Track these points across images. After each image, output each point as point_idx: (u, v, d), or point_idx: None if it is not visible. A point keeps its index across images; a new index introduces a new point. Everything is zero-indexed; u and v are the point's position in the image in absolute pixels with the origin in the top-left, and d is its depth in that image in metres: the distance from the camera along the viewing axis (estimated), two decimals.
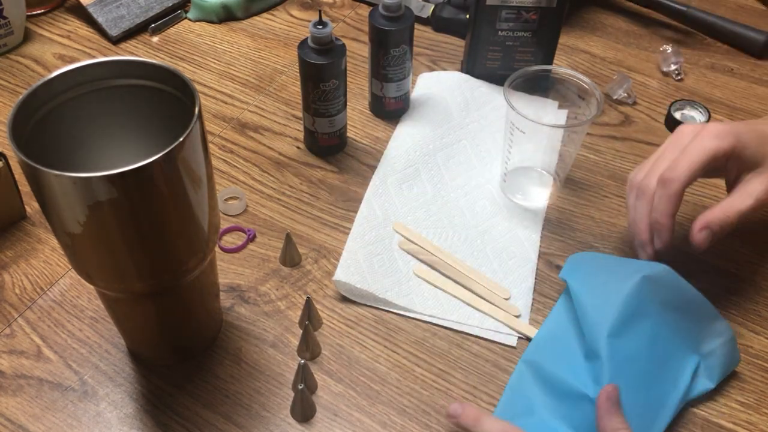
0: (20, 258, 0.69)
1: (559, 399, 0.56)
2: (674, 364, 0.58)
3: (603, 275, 0.60)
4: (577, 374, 0.56)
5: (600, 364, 0.55)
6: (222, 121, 0.85)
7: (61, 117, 0.49)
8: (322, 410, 0.58)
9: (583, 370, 0.56)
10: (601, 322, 0.56)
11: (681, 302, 0.59)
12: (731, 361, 0.60)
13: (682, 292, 0.59)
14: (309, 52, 0.72)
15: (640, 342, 0.56)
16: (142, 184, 0.44)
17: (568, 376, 0.56)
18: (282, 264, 0.69)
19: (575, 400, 0.55)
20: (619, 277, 0.59)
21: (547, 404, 0.56)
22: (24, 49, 0.95)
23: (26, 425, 0.57)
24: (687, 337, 0.58)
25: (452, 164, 0.78)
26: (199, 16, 1.00)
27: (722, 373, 0.60)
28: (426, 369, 0.61)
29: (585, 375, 0.56)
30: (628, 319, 0.56)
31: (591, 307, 0.58)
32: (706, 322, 0.60)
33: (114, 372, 0.61)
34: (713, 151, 0.59)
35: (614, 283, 0.58)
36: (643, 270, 0.58)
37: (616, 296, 0.57)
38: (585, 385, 0.55)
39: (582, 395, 0.55)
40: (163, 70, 0.49)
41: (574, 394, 0.55)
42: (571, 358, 0.57)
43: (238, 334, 0.63)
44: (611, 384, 0.53)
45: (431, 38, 0.98)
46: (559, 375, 0.57)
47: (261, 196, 0.76)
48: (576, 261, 0.65)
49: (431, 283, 0.67)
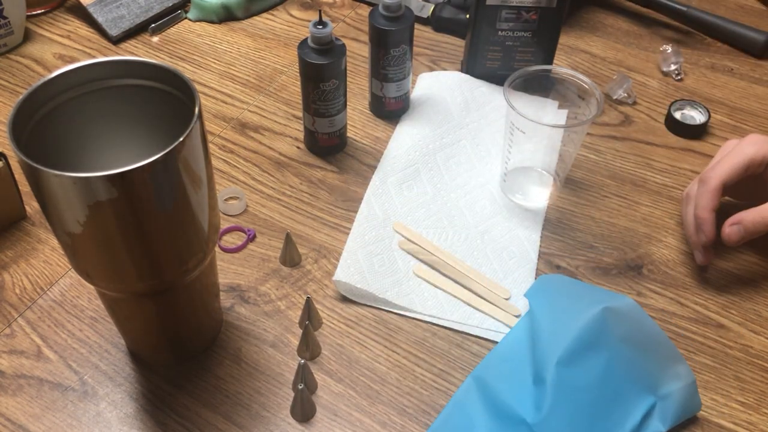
0: (20, 258, 0.69)
1: (499, 420, 0.55)
2: (625, 402, 0.56)
3: (566, 301, 0.59)
4: (521, 398, 0.55)
5: (544, 390, 0.54)
6: (222, 121, 0.85)
7: (61, 117, 0.49)
8: (322, 410, 0.58)
9: (527, 394, 0.55)
10: (553, 348, 0.55)
11: (642, 339, 0.57)
12: (691, 407, 0.58)
13: (645, 329, 0.57)
14: (309, 52, 0.72)
15: (591, 374, 0.55)
16: (142, 184, 0.44)
17: (512, 399, 0.55)
18: (282, 264, 0.69)
19: (514, 424, 0.54)
20: (581, 305, 0.57)
21: (487, 424, 0.55)
22: (24, 49, 0.95)
23: (26, 425, 0.57)
24: (643, 376, 0.56)
25: (452, 164, 0.78)
26: (199, 16, 1.00)
27: (678, 418, 0.57)
28: (426, 369, 0.61)
29: (528, 400, 0.55)
30: (582, 350, 0.55)
31: (547, 332, 0.57)
32: (667, 362, 0.57)
33: (114, 372, 0.61)
34: (750, 155, 0.64)
35: (574, 310, 0.57)
36: (606, 301, 0.57)
37: (574, 324, 0.55)
38: (526, 410, 0.54)
39: (520, 420, 0.54)
40: (163, 70, 0.49)
41: (514, 418, 0.54)
42: (518, 381, 0.56)
43: (238, 334, 0.63)
44: None
45: (431, 38, 0.98)
46: (503, 396, 0.56)
47: (261, 196, 0.76)
48: (543, 282, 0.63)
49: (431, 283, 0.67)
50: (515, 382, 0.57)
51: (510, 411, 0.55)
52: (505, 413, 0.55)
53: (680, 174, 0.79)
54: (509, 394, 0.56)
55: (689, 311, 0.66)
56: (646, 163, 0.80)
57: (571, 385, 0.54)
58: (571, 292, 0.61)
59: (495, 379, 0.58)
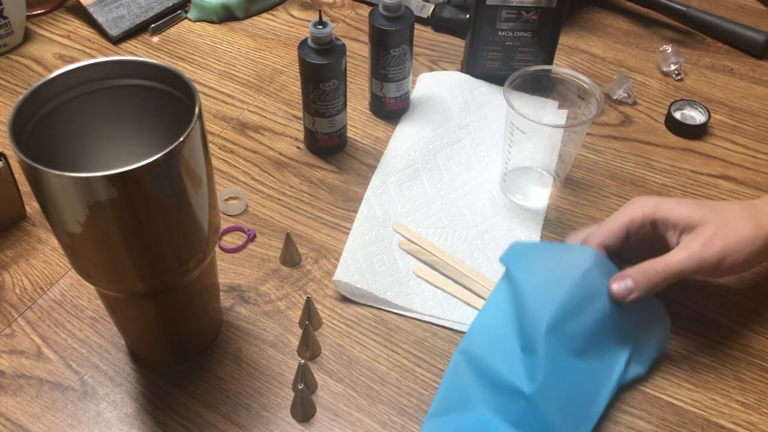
0: (20, 258, 0.69)
1: (493, 391, 0.56)
2: (611, 355, 0.58)
3: (545, 265, 0.60)
4: (512, 367, 0.56)
5: (536, 360, 0.55)
6: (222, 121, 0.85)
7: (61, 117, 0.49)
8: (322, 410, 0.58)
9: (518, 363, 0.56)
10: (540, 316, 0.56)
11: None
12: (663, 346, 0.62)
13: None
14: (309, 52, 0.72)
15: (579, 337, 0.57)
16: (142, 184, 0.44)
17: (503, 368, 0.56)
18: (282, 264, 0.69)
19: (510, 393, 0.55)
20: (560, 270, 0.59)
21: (481, 396, 0.56)
22: (24, 49, 0.95)
23: (26, 425, 0.57)
24: (625, 327, 0.59)
25: (452, 164, 0.78)
26: (199, 16, 1.00)
27: (653, 358, 0.61)
28: (426, 369, 0.61)
29: (520, 369, 0.56)
30: (567, 315, 0.56)
31: (531, 301, 0.58)
32: (645, 310, 0.60)
33: (114, 372, 0.61)
34: (629, 216, 0.62)
35: (555, 276, 0.58)
36: (583, 262, 0.59)
37: (557, 290, 0.57)
38: (520, 380, 0.55)
39: (516, 390, 0.55)
40: (163, 70, 0.49)
41: (509, 388, 0.55)
42: (506, 349, 0.58)
43: (238, 334, 0.63)
44: None
45: (431, 38, 0.98)
46: (493, 366, 0.57)
47: (261, 196, 0.76)
48: (517, 248, 0.63)
49: (431, 283, 0.67)
50: (504, 351, 0.58)
51: (503, 380, 0.56)
52: (499, 384, 0.56)
53: (680, 174, 0.79)
54: (500, 364, 0.57)
55: (689, 311, 0.66)
56: (646, 163, 0.80)
57: (561, 350, 0.56)
58: (548, 256, 0.62)
59: (482, 350, 0.59)
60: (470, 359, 0.59)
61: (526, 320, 0.57)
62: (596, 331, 0.57)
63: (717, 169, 0.80)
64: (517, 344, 0.57)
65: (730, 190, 0.77)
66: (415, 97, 0.86)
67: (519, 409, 0.54)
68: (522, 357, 0.56)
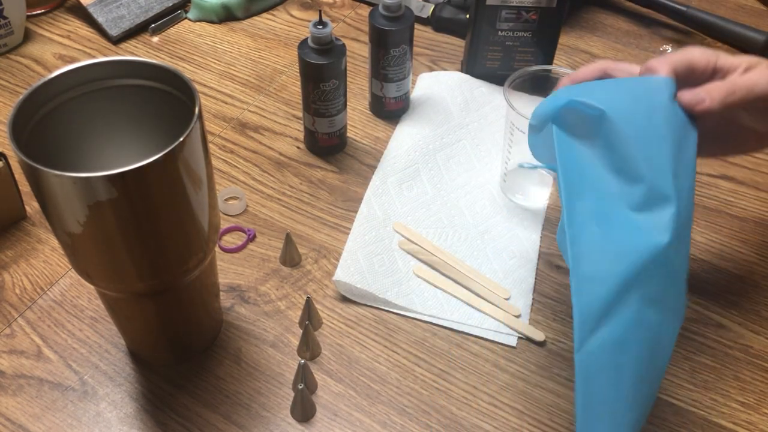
0: (20, 258, 0.69)
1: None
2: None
3: (625, 99, 0.51)
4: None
5: (671, 207, 0.47)
6: (222, 121, 0.85)
7: (61, 117, 0.49)
8: (322, 410, 0.58)
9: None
10: (662, 159, 0.48)
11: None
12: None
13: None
14: (309, 52, 0.72)
15: (690, 173, 0.50)
16: (142, 184, 0.44)
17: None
18: (282, 264, 0.69)
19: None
20: (644, 103, 0.50)
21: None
22: (24, 49, 0.95)
23: (26, 425, 0.57)
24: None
25: (452, 164, 0.78)
26: (199, 16, 1.00)
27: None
28: (426, 369, 0.61)
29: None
30: (677, 153, 0.49)
31: (635, 140, 0.48)
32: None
33: (114, 372, 0.61)
34: (689, 56, 0.55)
35: (643, 110, 0.50)
36: (660, 92, 0.51)
37: (662, 126, 0.49)
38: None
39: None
40: (163, 70, 0.49)
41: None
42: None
43: (238, 334, 0.63)
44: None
45: (431, 38, 0.98)
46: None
47: (261, 196, 0.76)
48: (574, 90, 0.53)
49: (431, 283, 0.67)
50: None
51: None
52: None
53: None
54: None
55: (689, 311, 0.66)
56: None
57: (686, 194, 0.49)
58: (620, 91, 0.52)
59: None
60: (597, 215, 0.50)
61: (642, 164, 0.48)
62: (692, 163, 0.50)
63: (717, 169, 0.80)
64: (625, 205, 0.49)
65: (730, 190, 0.77)
66: (415, 97, 0.86)
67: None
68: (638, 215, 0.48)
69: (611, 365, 0.48)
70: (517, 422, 0.58)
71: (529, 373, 0.61)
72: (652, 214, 0.48)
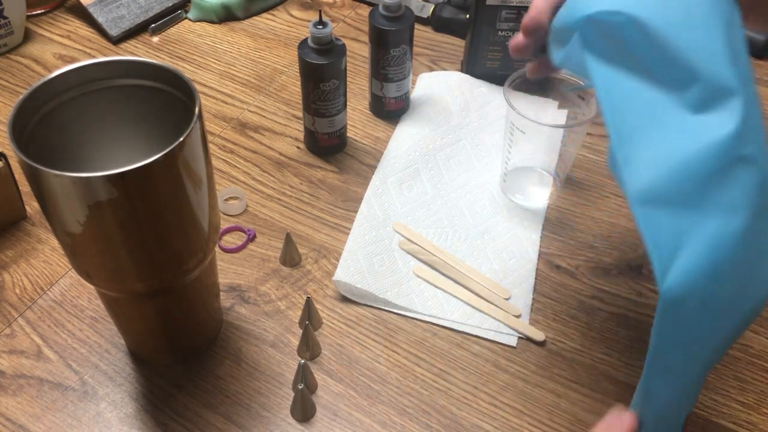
0: (20, 258, 0.69)
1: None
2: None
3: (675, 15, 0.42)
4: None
5: (736, 99, 0.40)
6: (222, 121, 0.85)
7: (61, 117, 0.49)
8: (322, 410, 0.58)
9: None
10: (713, 46, 0.41)
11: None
12: None
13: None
14: (309, 52, 0.72)
15: (747, 58, 0.43)
16: (142, 184, 0.44)
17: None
18: (282, 264, 0.69)
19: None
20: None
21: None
22: (24, 49, 0.95)
23: (26, 425, 0.57)
24: None
25: (452, 164, 0.78)
26: (199, 16, 1.00)
27: None
28: (426, 369, 0.61)
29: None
30: (728, 35, 0.43)
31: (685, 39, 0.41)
32: None
33: (114, 372, 0.61)
34: None
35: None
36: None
37: (704, 5, 0.42)
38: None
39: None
40: (163, 71, 0.49)
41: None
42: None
43: (238, 334, 0.63)
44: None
45: (431, 38, 0.98)
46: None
47: (261, 196, 0.76)
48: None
49: (431, 283, 0.67)
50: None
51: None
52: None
53: None
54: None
55: None
56: None
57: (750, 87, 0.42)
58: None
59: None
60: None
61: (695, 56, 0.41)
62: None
63: None
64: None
65: None
66: (415, 97, 0.86)
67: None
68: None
69: (699, 301, 0.39)
70: (517, 422, 0.58)
71: (529, 373, 0.61)
72: (716, 111, 0.40)
